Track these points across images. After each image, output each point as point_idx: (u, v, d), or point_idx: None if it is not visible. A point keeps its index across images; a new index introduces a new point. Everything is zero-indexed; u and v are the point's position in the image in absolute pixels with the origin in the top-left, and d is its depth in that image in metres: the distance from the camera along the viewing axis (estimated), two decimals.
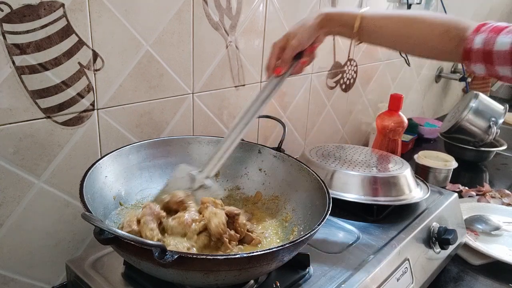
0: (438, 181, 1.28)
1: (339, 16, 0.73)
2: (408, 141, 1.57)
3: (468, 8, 1.99)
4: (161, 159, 0.77)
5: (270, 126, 1.15)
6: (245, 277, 0.58)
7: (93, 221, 0.47)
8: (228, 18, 0.93)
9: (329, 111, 1.37)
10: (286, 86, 1.16)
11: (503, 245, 1.01)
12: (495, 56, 0.61)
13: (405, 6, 1.50)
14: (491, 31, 0.62)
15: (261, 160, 0.80)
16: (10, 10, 0.62)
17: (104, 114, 0.77)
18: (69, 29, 0.68)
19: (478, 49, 0.62)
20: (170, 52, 0.85)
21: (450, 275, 0.92)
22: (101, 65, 0.74)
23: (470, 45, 0.63)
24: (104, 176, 0.67)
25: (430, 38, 0.67)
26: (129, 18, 0.76)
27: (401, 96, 1.20)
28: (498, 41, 0.60)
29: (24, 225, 0.72)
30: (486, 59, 0.62)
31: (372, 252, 0.73)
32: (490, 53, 0.61)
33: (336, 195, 0.84)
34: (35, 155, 0.70)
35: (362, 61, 1.42)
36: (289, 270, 0.65)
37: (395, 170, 0.89)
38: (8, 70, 0.64)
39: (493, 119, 1.43)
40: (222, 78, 0.97)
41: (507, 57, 0.60)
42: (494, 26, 0.62)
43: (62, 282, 0.79)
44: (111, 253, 0.68)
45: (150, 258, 0.46)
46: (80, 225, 0.79)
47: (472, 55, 0.63)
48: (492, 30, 0.62)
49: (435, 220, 0.87)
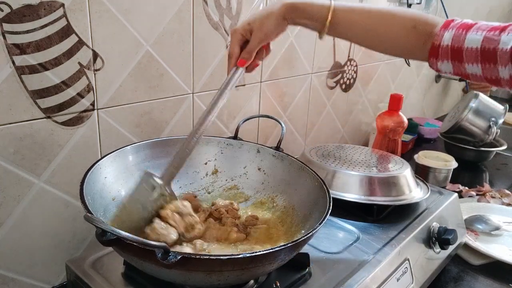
0: (438, 181, 1.28)
1: (305, 7, 0.67)
2: (408, 141, 1.57)
3: (468, 8, 1.99)
4: (161, 159, 0.77)
5: (270, 126, 1.15)
6: (248, 277, 0.59)
7: (95, 222, 0.46)
8: (228, 18, 0.93)
9: (329, 111, 1.37)
10: (286, 86, 1.16)
11: (503, 245, 1.01)
12: (465, 53, 0.59)
13: (405, 6, 1.51)
14: (459, 27, 0.60)
15: (260, 160, 0.80)
16: (10, 10, 0.62)
17: (104, 114, 0.77)
18: (69, 29, 0.68)
19: (446, 46, 0.61)
20: (170, 52, 0.85)
21: (450, 275, 0.92)
22: (101, 65, 0.74)
23: (438, 42, 0.61)
24: (104, 177, 0.67)
25: (397, 33, 0.65)
26: (129, 18, 0.76)
27: (401, 96, 1.20)
28: (468, 38, 0.59)
29: (24, 225, 0.72)
30: (454, 56, 0.60)
31: (372, 252, 0.73)
32: (460, 50, 0.59)
33: (336, 195, 0.84)
34: (35, 155, 0.70)
35: (362, 61, 1.42)
36: (289, 270, 0.65)
37: (395, 170, 0.89)
38: (8, 70, 0.64)
39: (493, 119, 1.43)
40: (222, 78, 0.96)
41: (477, 55, 0.58)
42: (462, 23, 0.61)
43: (62, 282, 0.79)
44: (111, 253, 0.68)
45: (153, 259, 0.46)
46: (80, 225, 0.79)
47: (440, 52, 0.62)
48: (460, 27, 0.60)
49: (435, 220, 0.87)
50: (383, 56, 1.50)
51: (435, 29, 0.62)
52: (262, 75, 1.07)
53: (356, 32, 0.68)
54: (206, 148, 0.81)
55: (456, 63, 0.61)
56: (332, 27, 0.67)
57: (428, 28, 0.63)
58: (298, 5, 0.67)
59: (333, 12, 0.66)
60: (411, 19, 0.64)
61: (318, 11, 0.67)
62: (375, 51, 0.70)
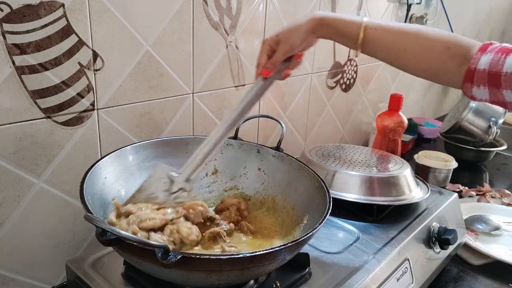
0: (438, 181, 1.28)
1: (336, 23, 0.66)
2: (408, 141, 1.57)
3: (468, 8, 1.99)
4: (161, 159, 0.77)
5: (270, 126, 1.15)
6: (247, 277, 0.59)
7: (96, 222, 0.47)
8: (228, 18, 0.93)
9: (329, 111, 1.37)
10: (286, 86, 1.16)
11: (503, 245, 1.01)
12: (504, 78, 0.55)
13: (405, 6, 1.51)
14: (498, 51, 0.56)
15: (260, 160, 0.80)
16: (10, 10, 0.62)
17: (104, 114, 0.77)
18: (69, 29, 0.68)
19: (483, 70, 0.57)
20: (170, 52, 0.85)
21: (450, 275, 0.92)
22: (101, 65, 0.74)
23: (474, 65, 0.57)
24: (104, 177, 0.67)
25: (430, 54, 0.62)
26: (129, 18, 0.76)
27: (401, 96, 1.20)
28: (508, 63, 0.54)
29: (24, 225, 0.72)
30: (492, 82, 0.56)
31: (372, 252, 0.73)
32: (498, 76, 0.55)
33: (336, 195, 0.84)
34: (35, 155, 0.70)
35: (362, 61, 1.42)
36: (289, 270, 0.65)
37: (395, 170, 0.89)
38: (8, 70, 0.64)
39: (493, 119, 1.43)
40: (222, 78, 0.97)
41: None
42: (502, 47, 0.57)
43: (62, 282, 0.79)
44: (111, 253, 0.68)
45: (153, 259, 0.46)
46: (80, 225, 0.79)
47: (476, 77, 0.58)
48: (500, 50, 0.56)
49: (435, 220, 0.87)
50: None
51: (470, 52, 0.59)
52: None
53: (386, 50, 0.66)
54: None
55: (493, 89, 0.57)
56: (363, 45, 0.66)
57: (463, 50, 0.59)
58: (329, 21, 0.66)
59: (364, 30, 0.64)
60: (442, 39, 0.61)
61: (349, 27, 0.65)
62: (409, 72, 0.67)
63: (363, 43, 0.65)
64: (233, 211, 0.72)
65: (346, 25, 0.66)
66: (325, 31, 0.67)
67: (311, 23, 0.66)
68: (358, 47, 0.66)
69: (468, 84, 0.59)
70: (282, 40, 0.68)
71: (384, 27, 0.65)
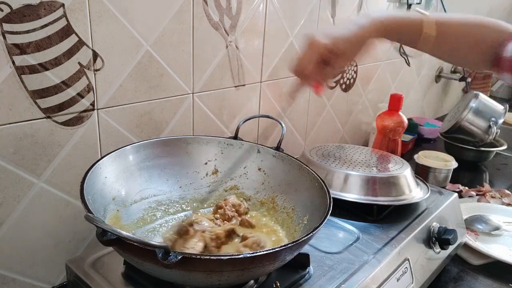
0: (438, 181, 1.28)
1: (398, 24, 0.60)
2: (408, 141, 1.57)
3: (468, 8, 1.99)
4: (161, 159, 0.77)
5: (270, 126, 1.15)
6: (248, 277, 0.59)
7: (96, 222, 0.47)
8: (228, 18, 0.93)
9: (329, 111, 1.37)
10: (286, 86, 1.16)
11: (503, 245, 1.01)
12: None
13: (405, 6, 1.50)
14: None
15: (260, 160, 0.80)
16: (10, 10, 0.62)
17: (104, 114, 0.77)
18: (69, 29, 0.68)
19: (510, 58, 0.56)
20: (170, 52, 0.85)
21: (450, 275, 0.92)
22: (101, 65, 0.74)
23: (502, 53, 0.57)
24: (104, 177, 0.67)
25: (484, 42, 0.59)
26: (129, 18, 0.76)
27: (401, 96, 1.20)
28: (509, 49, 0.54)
29: (24, 225, 0.72)
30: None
31: (372, 252, 0.73)
32: None
33: (336, 195, 0.84)
34: (35, 155, 0.70)
35: (362, 61, 1.42)
36: (289, 270, 0.65)
37: (395, 170, 0.89)
38: (8, 70, 0.64)
39: (493, 119, 1.43)
40: (222, 78, 0.97)
41: None
42: None
43: (62, 282, 0.79)
44: (111, 253, 0.68)
45: (154, 259, 0.46)
46: (80, 225, 0.79)
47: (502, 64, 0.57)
48: None
49: (435, 220, 0.87)
50: (383, 56, 1.51)
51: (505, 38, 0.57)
52: (262, 75, 1.07)
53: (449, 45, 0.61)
54: (206, 148, 0.81)
55: None
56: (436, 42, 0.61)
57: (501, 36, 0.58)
58: (390, 23, 0.60)
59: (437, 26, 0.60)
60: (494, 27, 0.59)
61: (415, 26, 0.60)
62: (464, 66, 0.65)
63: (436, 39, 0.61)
64: (228, 209, 0.73)
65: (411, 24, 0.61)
66: (389, 35, 0.61)
67: (372, 29, 0.59)
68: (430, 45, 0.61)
69: (496, 68, 0.58)
70: (340, 53, 0.58)
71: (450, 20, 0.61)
